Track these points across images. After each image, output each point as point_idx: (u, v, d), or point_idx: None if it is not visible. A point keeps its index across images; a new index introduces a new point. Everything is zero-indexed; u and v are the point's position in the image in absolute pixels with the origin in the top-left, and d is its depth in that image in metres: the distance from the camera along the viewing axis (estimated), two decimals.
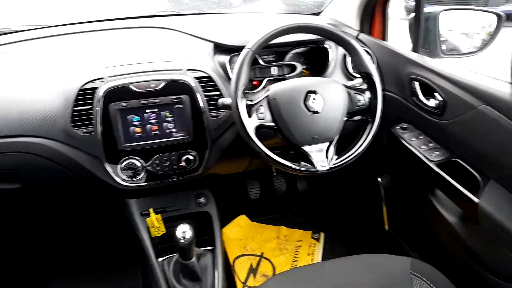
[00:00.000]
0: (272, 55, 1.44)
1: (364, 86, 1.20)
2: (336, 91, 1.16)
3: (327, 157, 1.13)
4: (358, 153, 1.16)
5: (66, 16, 1.72)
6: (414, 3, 1.36)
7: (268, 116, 1.13)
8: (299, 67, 1.44)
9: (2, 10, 1.92)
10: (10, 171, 1.25)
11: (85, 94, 1.19)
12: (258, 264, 1.79)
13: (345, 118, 1.16)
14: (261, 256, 1.83)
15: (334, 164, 1.13)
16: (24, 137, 1.20)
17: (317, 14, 1.75)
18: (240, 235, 1.95)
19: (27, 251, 1.92)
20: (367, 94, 1.19)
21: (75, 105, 1.18)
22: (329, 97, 1.14)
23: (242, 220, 2.02)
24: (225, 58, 1.35)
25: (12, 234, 1.92)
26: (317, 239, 1.92)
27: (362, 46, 1.24)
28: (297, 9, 1.85)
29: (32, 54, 1.36)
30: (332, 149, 1.15)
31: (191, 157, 1.28)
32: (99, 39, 1.44)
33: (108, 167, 1.22)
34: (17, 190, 1.31)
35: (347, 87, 1.19)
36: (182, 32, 1.46)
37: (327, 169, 1.12)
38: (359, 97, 1.18)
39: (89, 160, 1.23)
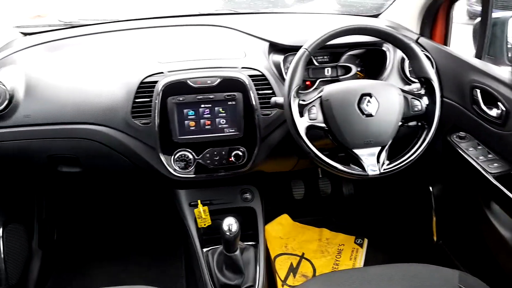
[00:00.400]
0: (326, 56, 1.44)
1: (422, 92, 1.17)
2: (393, 95, 1.14)
3: (378, 162, 1.12)
4: (411, 160, 1.13)
5: (129, 12, 1.80)
6: (481, 7, 1.30)
7: (320, 117, 1.13)
8: (354, 69, 1.43)
9: (71, 4, 2.04)
10: (72, 155, 1.34)
11: (145, 87, 1.24)
12: (298, 264, 1.79)
13: (400, 123, 1.14)
14: (302, 257, 1.83)
15: (385, 169, 1.12)
16: (86, 125, 1.27)
17: (375, 16, 1.72)
18: (281, 233, 1.96)
19: (82, 232, 2.04)
20: (425, 100, 1.16)
21: (136, 97, 1.24)
22: (385, 100, 1.13)
23: (284, 219, 2.03)
24: (279, 58, 1.36)
25: (70, 215, 2.04)
26: (360, 245, 1.89)
27: (422, 51, 1.20)
28: (354, 10, 1.81)
29: (98, 47, 1.44)
30: (384, 154, 1.13)
31: (240, 153, 1.31)
32: (159, 35, 1.50)
33: (163, 158, 1.27)
34: (77, 173, 1.39)
35: (404, 91, 1.17)
36: (238, 30, 1.49)
37: (378, 174, 1.11)
38: (416, 102, 1.15)
39: (145, 150, 1.29)
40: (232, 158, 1.31)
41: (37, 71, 1.33)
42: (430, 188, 1.61)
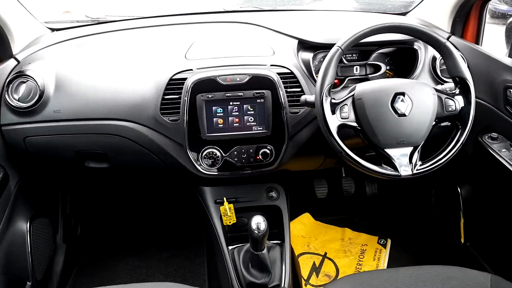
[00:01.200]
0: (355, 54, 1.42)
1: (457, 91, 1.15)
2: (426, 95, 1.12)
3: (410, 162, 1.10)
4: (445, 161, 1.11)
5: (156, 9, 1.81)
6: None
7: (351, 116, 1.12)
8: (384, 68, 1.41)
9: (99, 1, 2.05)
10: (100, 151, 1.34)
11: (174, 84, 1.25)
12: (321, 264, 1.78)
13: (433, 123, 1.12)
14: (325, 256, 1.82)
15: (418, 169, 1.10)
16: (115, 121, 1.28)
17: (404, 14, 1.70)
18: (303, 232, 1.95)
19: (105, 226, 2.06)
20: (459, 100, 1.14)
21: (165, 94, 1.24)
22: (418, 100, 1.11)
23: (306, 218, 2.02)
24: (309, 55, 1.35)
25: (93, 210, 2.06)
26: (384, 245, 1.87)
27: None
28: (382, 8, 1.79)
29: (126, 44, 1.44)
30: (416, 155, 1.11)
31: (267, 151, 1.30)
32: (187, 32, 1.49)
33: (190, 155, 1.27)
34: (105, 169, 1.40)
35: (437, 91, 1.15)
36: (266, 27, 1.48)
37: (410, 175, 1.09)
38: (450, 102, 1.13)
39: (173, 146, 1.29)
40: (260, 156, 1.30)
41: (66, 67, 1.35)
42: (458, 189, 1.58)
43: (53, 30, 1.61)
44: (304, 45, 1.38)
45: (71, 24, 1.62)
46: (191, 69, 1.26)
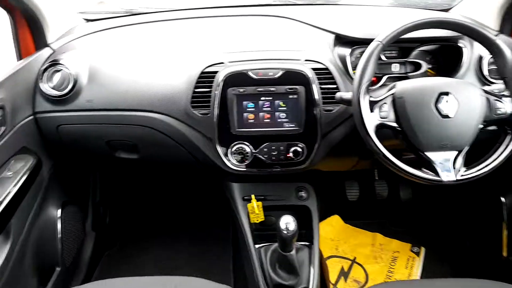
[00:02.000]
0: (395, 51, 1.35)
1: (506, 93, 1.06)
2: (474, 95, 1.05)
3: (453, 167, 1.03)
4: (492, 168, 1.04)
5: (189, 1, 1.79)
6: None
7: (391, 115, 1.06)
8: (425, 66, 1.33)
9: None
10: (131, 142, 1.34)
11: (206, 77, 1.22)
12: (350, 268, 1.72)
13: (480, 126, 1.05)
14: (354, 261, 1.76)
15: (462, 176, 1.03)
16: (146, 112, 1.27)
17: (446, 10, 1.61)
18: (332, 235, 1.90)
19: (133, 217, 2.07)
20: (509, 102, 1.05)
21: (196, 87, 1.22)
22: (465, 101, 1.03)
23: (335, 220, 1.96)
24: (345, 51, 1.29)
25: (122, 200, 2.08)
26: (417, 253, 1.79)
27: None
28: (422, 3, 1.70)
29: (159, 36, 1.43)
30: (460, 160, 1.04)
31: (299, 149, 1.26)
32: (220, 25, 1.47)
33: (220, 149, 1.25)
34: (135, 160, 1.40)
35: (486, 92, 1.06)
36: (301, 21, 1.43)
37: (453, 181, 1.02)
38: (499, 104, 1.05)
39: (202, 140, 1.27)
40: (291, 154, 1.26)
41: (99, 57, 1.35)
42: (502, 199, 1.48)
43: (88, 20, 1.62)
44: (341, 40, 1.32)
45: (106, 15, 1.62)
46: (223, 63, 1.23)
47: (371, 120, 1.04)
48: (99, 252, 1.82)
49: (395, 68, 1.35)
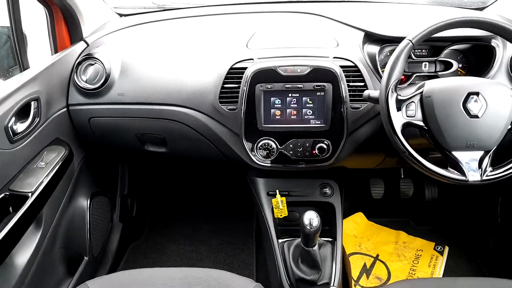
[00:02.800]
0: (425, 50, 1.33)
1: None
2: (504, 96, 1.03)
3: (480, 168, 1.02)
4: None
5: None
6: None
7: (418, 114, 1.06)
8: (455, 65, 1.31)
9: None
10: (159, 135, 1.38)
11: (234, 73, 1.24)
12: (372, 265, 1.72)
13: (509, 127, 1.03)
14: (376, 258, 1.75)
15: (488, 176, 1.02)
16: (175, 107, 1.30)
17: (481, 9, 1.57)
18: (355, 232, 1.90)
19: (159, 210, 2.13)
20: None
21: (224, 83, 1.24)
22: (494, 101, 1.02)
23: (359, 218, 1.96)
24: (375, 49, 1.29)
25: (149, 193, 2.14)
26: (441, 252, 1.77)
27: None
28: (456, 2, 1.67)
29: (190, 31, 1.46)
30: (487, 160, 1.03)
31: (324, 146, 1.26)
32: (249, 21, 1.48)
33: (246, 145, 1.27)
34: (163, 154, 1.44)
35: None
36: (330, 18, 1.43)
37: (479, 181, 1.01)
38: None
39: (229, 135, 1.29)
40: (316, 151, 1.27)
41: (131, 52, 1.39)
42: None
43: (121, 15, 1.66)
44: (370, 37, 1.31)
45: (139, 10, 1.66)
46: (252, 59, 1.25)
47: (397, 119, 1.04)
48: (125, 243, 1.88)
49: (425, 67, 1.33)
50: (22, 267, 1.14)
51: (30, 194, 1.12)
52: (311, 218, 1.14)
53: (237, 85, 1.24)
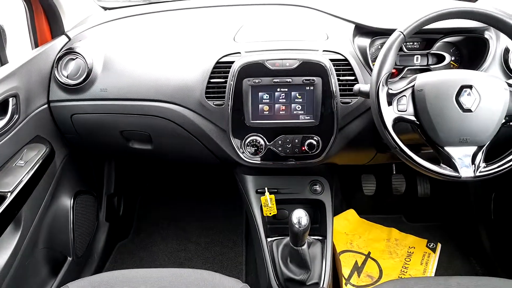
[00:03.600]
0: (417, 43, 1.30)
1: None
2: (497, 89, 1.00)
3: (473, 163, 0.99)
4: None
5: None
6: None
7: (410, 109, 1.03)
8: (448, 58, 1.28)
9: None
10: (144, 132, 1.33)
11: (221, 67, 1.20)
12: (363, 263, 1.69)
13: (503, 121, 1.00)
14: (368, 256, 1.73)
15: (481, 172, 0.99)
16: (160, 102, 1.26)
17: (474, 0, 1.54)
18: (347, 229, 1.87)
19: (146, 209, 2.08)
20: None
21: (211, 77, 1.20)
22: (488, 94, 0.99)
23: (350, 215, 1.93)
24: (366, 42, 1.25)
25: (135, 192, 2.09)
26: (433, 249, 1.75)
27: None
28: None
29: (175, 25, 1.41)
30: (480, 155, 1.00)
31: (314, 142, 1.23)
32: (236, 14, 1.44)
33: (233, 141, 1.23)
34: (149, 151, 1.39)
35: (510, 85, 1.02)
36: (320, 10, 1.39)
37: (472, 177, 0.98)
38: None
39: (216, 132, 1.25)
40: (305, 147, 1.23)
41: (114, 46, 1.34)
42: None
43: (105, 9, 1.61)
44: (361, 30, 1.28)
45: (123, 3, 1.61)
46: (239, 52, 1.21)
47: (388, 113, 1.01)
48: (112, 242, 1.84)
49: (417, 60, 1.30)
50: (0, 268, 1.10)
51: (8, 194, 1.08)
52: (299, 216, 1.10)
53: (224, 80, 1.20)
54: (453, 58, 1.30)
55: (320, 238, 1.37)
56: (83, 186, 1.58)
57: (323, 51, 1.21)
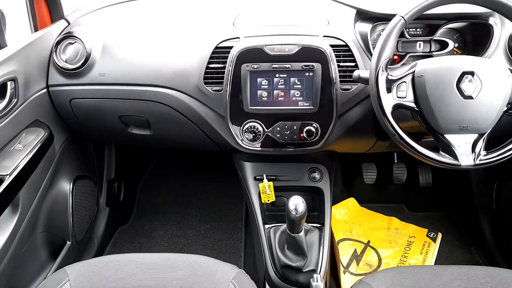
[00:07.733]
0: (419, 29, 1.28)
1: None
2: (500, 76, 0.98)
3: (473, 151, 0.98)
4: None
5: None
6: None
7: (409, 95, 1.01)
8: (451, 45, 1.26)
9: None
10: (143, 117, 1.33)
11: (219, 53, 1.19)
12: (363, 252, 1.69)
13: (505, 109, 0.98)
14: (367, 244, 1.72)
15: (481, 160, 0.97)
16: (158, 87, 1.25)
17: None
18: (346, 217, 1.86)
19: (146, 195, 2.09)
20: None
21: (209, 63, 1.19)
22: (489, 81, 0.97)
23: (351, 203, 1.92)
24: (367, 27, 1.23)
25: (136, 177, 2.09)
26: (433, 239, 1.74)
27: None
28: None
29: (173, 9, 1.40)
30: (481, 143, 0.98)
31: (313, 129, 1.22)
32: None
33: (231, 127, 1.22)
34: (148, 136, 1.39)
35: None
36: None
37: (472, 165, 0.97)
38: None
39: (215, 118, 1.25)
40: (304, 134, 1.22)
41: (113, 31, 1.33)
42: None
43: None
44: (362, 15, 1.26)
45: None
46: (238, 37, 1.20)
47: (387, 100, 1.00)
48: (111, 228, 1.85)
49: (420, 46, 1.28)
50: None
51: (6, 177, 1.08)
52: (296, 203, 1.10)
53: (222, 65, 1.19)
54: (456, 45, 1.28)
55: (318, 225, 1.36)
56: (83, 171, 1.58)
57: (324, 36, 1.19)
